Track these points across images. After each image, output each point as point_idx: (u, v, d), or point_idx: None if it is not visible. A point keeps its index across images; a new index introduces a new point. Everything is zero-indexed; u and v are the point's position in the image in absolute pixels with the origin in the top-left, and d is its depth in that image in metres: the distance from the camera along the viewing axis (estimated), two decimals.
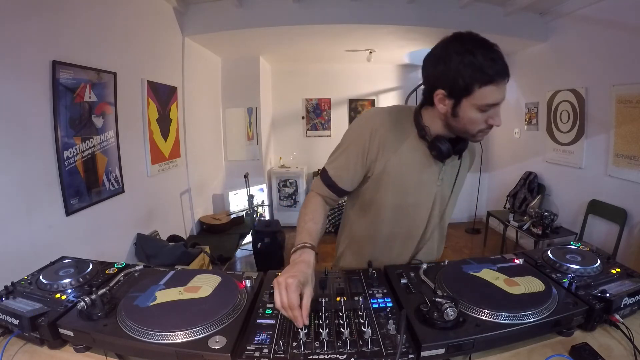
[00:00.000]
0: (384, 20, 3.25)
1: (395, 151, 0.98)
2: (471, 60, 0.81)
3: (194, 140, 3.64)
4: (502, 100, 0.86)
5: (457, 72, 0.83)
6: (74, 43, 1.95)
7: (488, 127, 0.90)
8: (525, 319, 0.75)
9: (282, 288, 0.74)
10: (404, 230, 1.08)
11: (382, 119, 0.99)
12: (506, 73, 0.83)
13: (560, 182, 3.63)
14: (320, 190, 1.05)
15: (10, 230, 1.59)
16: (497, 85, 0.83)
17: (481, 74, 0.81)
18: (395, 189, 1.01)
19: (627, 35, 2.75)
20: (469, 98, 0.85)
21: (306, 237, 0.91)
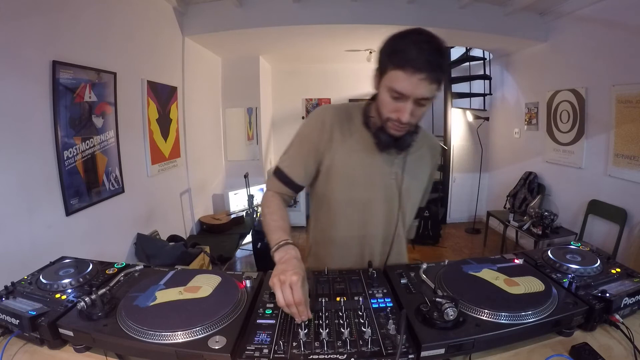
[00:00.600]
0: (384, 20, 3.25)
1: (343, 144, 0.99)
2: (393, 43, 0.84)
3: (194, 140, 3.64)
4: (413, 95, 0.83)
5: (384, 50, 0.86)
6: (74, 43, 1.95)
7: (397, 120, 0.88)
8: (525, 319, 0.75)
9: (286, 286, 0.73)
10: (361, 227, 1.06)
11: (332, 113, 1.01)
12: (422, 67, 0.79)
13: (560, 182, 3.64)
14: (277, 188, 1.05)
15: (10, 230, 1.59)
16: (407, 75, 0.80)
17: (394, 57, 0.82)
18: (344, 182, 1.01)
19: (627, 35, 2.75)
20: (384, 78, 0.86)
21: (282, 234, 0.90)
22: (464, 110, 4.91)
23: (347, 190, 1.02)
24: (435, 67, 0.80)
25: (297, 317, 0.74)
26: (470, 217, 4.95)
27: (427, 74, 0.80)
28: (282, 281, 0.74)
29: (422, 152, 1.08)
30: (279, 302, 0.74)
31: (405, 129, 0.92)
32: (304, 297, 0.74)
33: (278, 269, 0.79)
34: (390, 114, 0.88)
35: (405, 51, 0.81)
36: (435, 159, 1.15)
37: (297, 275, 0.75)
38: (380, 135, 0.94)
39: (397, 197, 1.03)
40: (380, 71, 0.89)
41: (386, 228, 1.07)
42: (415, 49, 0.80)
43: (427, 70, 0.80)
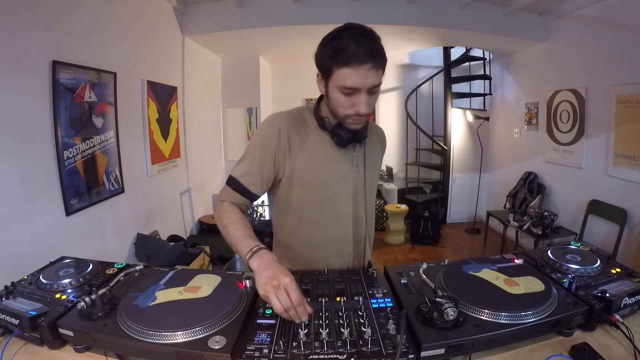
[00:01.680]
0: (384, 20, 3.25)
1: (302, 148, 1.00)
2: (334, 43, 0.86)
3: (194, 140, 3.64)
4: (365, 86, 0.86)
5: (323, 53, 0.88)
6: (74, 43, 1.95)
7: (355, 114, 0.90)
8: (525, 319, 0.75)
9: (281, 291, 0.72)
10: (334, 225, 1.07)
11: (285, 120, 1.00)
12: (366, 58, 0.83)
13: (560, 182, 3.64)
14: (232, 199, 1.02)
15: (10, 230, 1.59)
16: (354, 69, 0.84)
17: (337, 56, 0.85)
18: (309, 184, 1.02)
19: (627, 35, 2.75)
20: (331, 79, 0.89)
21: (252, 241, 0.87)
22: (464, 110, 4.91)
23: (314, 192, 1.03)
24: (376, 55, 0.85)
25: (297, 319, 0.73)
26: (470, 217, 4.95)
27: (372, 63, 0.84)
28: (275, 286, 0.72)
29: (374, 141, 1.13)
30: (277, 309, 0.72)
31: (365, 120, 0.96)
32: (302, 297, 0.73)
33: (264, 276, 0.76)
34: (348, 110, 0.91)
35: (345, 49, 0.84)
36: (383, 145, 1.20)
37: (289, 276, 0.74)
38: (339, 132, 0.97)
39: (362, 189, 1.07)
40: (325, 74, 0.91)
41: (356, 220, 1.09)
42: (353, 43, 0.83)
43: (371, 60, 0.84)
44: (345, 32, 0.86)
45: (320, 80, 0.94)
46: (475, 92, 4.77)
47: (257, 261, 0.81)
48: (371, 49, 0.84)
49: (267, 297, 0.73)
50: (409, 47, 4.32)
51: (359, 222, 1.10)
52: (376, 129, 1.19)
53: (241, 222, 0.95)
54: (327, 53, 0.87)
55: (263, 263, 0.79)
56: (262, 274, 0.77)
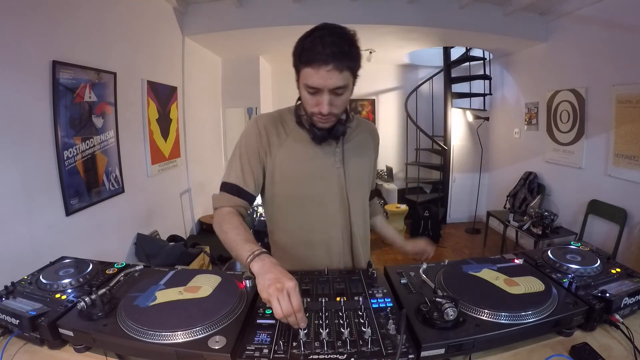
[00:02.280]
0: (384, 20, 3.25)
1: (281, 146, 1.03)
2: (301, 43, 0.88)
3: (194, 140, 3.64)
4: (326, 86, 0.87)
5: (295, 51, 0.91)
6: (74, 43, 1.95)
7: (319, 113, 0.93)
8: (525, 319, 0.75)
9: (284, 295, 0.70)
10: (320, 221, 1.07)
11: (265, 120, 1.05)
12: (328, 60, 0.84)
13: (560, 182, 3.64)
14: (229, 202, 1.01)
15: (11, 230, 1.59)
16: (315, 69, 0.85)
17: (303, 55, 0.87)
18: (290, 181, 1.04)
19: (627, 35, 2.75)
20: (299, 77, 0.92)
21: (253, 245, 0.85)
22: (464, 110, 4.91)
23: (296, 189, 1.05)
24: (340, 56, 0.85)
25: (295, 325, 0.71)
26: (470, 217, 4.95)
27: (334, 65, 0.84)
28: (279, 289, 0.70)
29: (363, 137, 1.14)
30: (277, 313, 0.70)
31: (331, 120, 0.97)
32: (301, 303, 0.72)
33: (267, 278, 0.74)
34: (312, 108, 0.93)
35: (311, 49, 0.85)
36: (375, 141, 1.21)
37: (293, 280, 0.73)
38: (314, 129, 0.99)
39: (344, 181, 1.07)
40: (296, 72, 0.93)
41: (343, 216, 1.09)
42: (320, 44, 0.84)
43: (333, 61, 0.84)
44: (317, 32, 0.87)
45: (296, 78, 0.96)
46: (475, 92, 4.77)
47: (258, 264, 0.79)
48: (335, 50, 0.84)
49: (269, 301, 0.71)
50: (409, 47, 4.33)
51: (346, 221, 1.09)
52: (369, 126, 1.21)
53: (242, 227, 0.94)
54: (297, 51, 0.90)
55: (265, 266, 0.78)
56: (264, 276, 0.75)
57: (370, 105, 5.44)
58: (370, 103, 5.44)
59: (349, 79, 0.90)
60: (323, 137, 1.00)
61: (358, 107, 5.42)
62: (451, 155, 4.97)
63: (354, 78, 0.93)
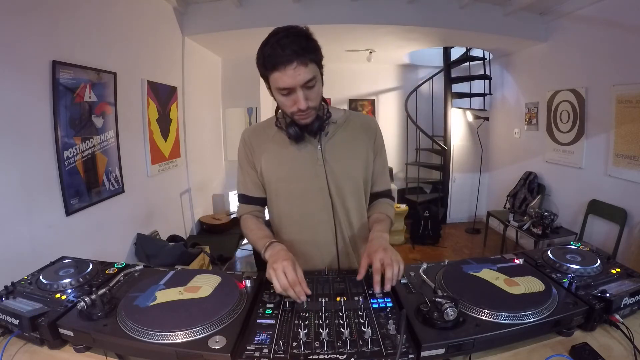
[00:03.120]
0: (384, 20, 3.25)
1: (263, 150, 1.10)
2: (262, 52, 0.92)
3: (194, 140, 3.64)
4: (297, 83, 0.90)
5: (258, 62, 0.95)
6: (74, 43, 1.95)
7: (297, 110, 0.95)
8: (525, 319, 0.75)
9: (280, 272, 0.82)
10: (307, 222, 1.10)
11: (248, 131, 1.16)
12: (291, 59, 0.87)
13: (560, 182, 3.64)
14: (246, 210, 1.16)
15: (10, 230, 1.59)
16: (283, 72, 0.88)
17: (267, 63, 0.90)
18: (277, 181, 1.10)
19: (627, 35, 2.75)
20: (270, 83, 0.96)
21: (268, 239, 0.99)
22: (464, 110, 4.91)
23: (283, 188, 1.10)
24: (301, 52, 0.88)
25: (297, 299, 0.82)
26: (470, 217, 4.95)
27: (297, 62, 0.88)
28: (275, 269, 0.83)
29: (351, 132, 1.13)
30: (276, 289, 0.82)
31: (311, 114, 0.99)
32: (299, 278, 0.84)
33: (270, 261, 0.88)
34: (291, 108, 0.96)
35: (271, 54, 0.89)
36: (370, 132, 1.16)
37: (287, 260, 0.85)
38: (289, 129, 1.03)
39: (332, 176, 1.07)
40: (265, 80, 0.97)
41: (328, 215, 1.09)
42: (279, 47, 0.87)
43: (296, 58, 0.87)
44: (272, 38, 0.90)
45: (267, 87, 1.00)
46: (475, 92, 4.77)
47: (269, 252, 0.94)
48: (295, 48, 0.87)
49: (270, 279, 0.83)
50: (409, 47, 4.32)
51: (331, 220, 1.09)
52: (362, 119, 1.18)
53: (259, 228, 1.09)
54: (260, 61, 0.93)
55: (273, 252, 0.92)
56: (269, 260, 0.89)
57: (370, 105, 5.44)
58: (370, 103, 5.44)
59: (316, 70, 0.93)
60: (298, 135, 1.03)
61: (358, 107, 5.42)
62: (451, 155, 4.97)
63: (320, 69, 0.97)
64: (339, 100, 5.40)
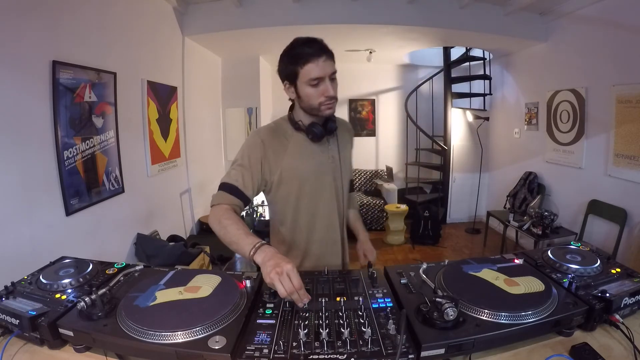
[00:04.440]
0: (383, 20, 3.25)
1: (286, 152, 1.14)
2: (292, 51, 1.07)
3: (194, 140, 3.64)
4: (326, 74, 1.06)
5: (286, 63, 1.08)
6: (74, 43, 1.95)
7: (327, 98, 1.08)
8: (525, 319, 0.75)
9: (285, 277, 0.80)
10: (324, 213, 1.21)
11: (265, 132, 1.17)
12: (320, 53, 1.04)
13: (560, 182, 3.63)
14: (227, 200, 1.08)
15: (10, 230, 1.59)
16: (315, 63, 1.04)
17: (299, 59, 1.05)
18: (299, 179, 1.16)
19: (627, 35, 2.75)
20: (299, 79, 1.07)
21: (254, 238, 0.94)
22: (464, 110, 4.91)
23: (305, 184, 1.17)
24: (325, 49, 1.07)
25: (299, 302, 0.81)
26: (470, 217, 4.95)
27: (325, 55, 1.05)
28: (279, 273, 0.80)
29: (343, 134, 1.29)
30: (281, 293, 0.79)
31: (335, 105, 1.12)
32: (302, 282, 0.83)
33: (269, 265, 0.83)
34: (320, 98, 1.08)
35: (303, 53, 1.04)
36: (352, 137, 1.37)
37: (290, 263, 0.83)
38: (313, 129, 1.13)
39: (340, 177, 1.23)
40: (291, 79, 1.09)
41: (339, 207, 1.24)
42: (307, 46, 1.05)
43: (324, 53, 1.05)
44: (296, 42, 1.07)
45: (289, 87, 1.11)
46: (475, 92, 4.77)
47: (261, 255, 0.88)
48: (320, 46, 1.06)
49: (273, 284, 0.81)
50: (409, 47, 4.32)
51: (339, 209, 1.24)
52: (346, 125, 1.36)
53: (240, 222, 1.00)
54: (289, 61, 1.07)
55: (267, 255, 0.87)
56: (267, 264, 0.84)
57: (370, 105, 5.44)
58: (370, 103, 5.44)
59: (334, 66, 1.10)
60: (321, 134, 1.14)
61: (358, 107, 5.42)
62: (451, 155, 4.97)
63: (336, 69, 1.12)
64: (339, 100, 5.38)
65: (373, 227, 4.75)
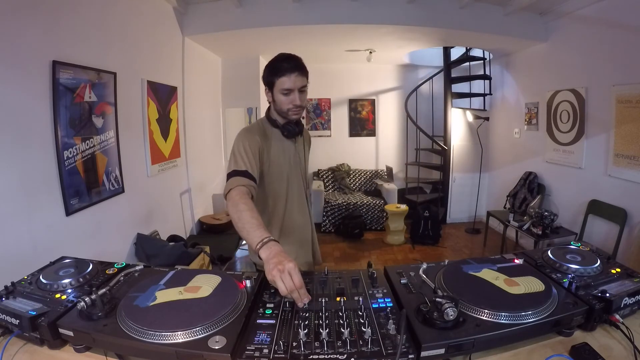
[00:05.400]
0: (384, 20, 3.25)
1: (270, 145, 1.34)
2: (273, 64, 1.27)
3: (194, 140, 3.64)
4: (296, 87, 1.25)
5: (267, 73, 1.29)
6: (74, 43, 1.95)
7: (294, 106, 1.28)
8: (525, 319, 0.75)
9: (286, 275, 0.81)
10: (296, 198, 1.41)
11: (256, 129, 1.35)
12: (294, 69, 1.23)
13: (560, 182, 3.63)
14: (242, 182, 1.14)
15: (10, 230, 1.59)
16: (288, 77, 1.23)
17: (277, 70, 1.25)
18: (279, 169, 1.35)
19: (627, 35, 2.74)
20: (275, 87, 1.27)
21: (264, 232, 0.96)
22: (464, 110, 4.91)
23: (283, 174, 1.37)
24: (300, 67, 1.26)
25: (299, 301, 0.82)
26: (470, 217, 4.95)
27: (298, 72, 1.25)
28: (281, 270, 0.82)
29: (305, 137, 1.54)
30: (282, 291, 0.80)
31: (301, 111, 1.32)
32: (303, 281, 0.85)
33: (272, 262, 0.85)
34: (288, 105, 1.28)
35: (280, 67, 1.24)
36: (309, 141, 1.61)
37: (293, 262, 0.84)
38: (288, 127, 1.35)
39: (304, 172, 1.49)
40: (270, 86, 1.29)
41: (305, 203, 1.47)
42: (285, 62, 1.25)
43: (298, 69, 1.25)
44: (278, 57, 1.27)
45: (268, 92, 1.32)
46: (475, 92, 4.77)
47: (266, 251, 0.90)
48: (296, 64, 1.25)
49: (274, 281, 0.82)
50: (409, 47, 4.32)
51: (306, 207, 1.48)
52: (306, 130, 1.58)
53: (255, 211, 1.04)
54: (269, 72, 1.28)
55: (272, 252, 0.89)
56: (270, 261, 0.86)
57: (370, 105, 5.45)
58: (370, 103, 5.44)
59: (306, 80, 1.29)
60: (294, 132, 1.36)
61: (358, 107, 5.42)
62: (451, 155, 4.97)
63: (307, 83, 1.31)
64: (339, 100, 5.41)
65: (373, 227, 4.75)
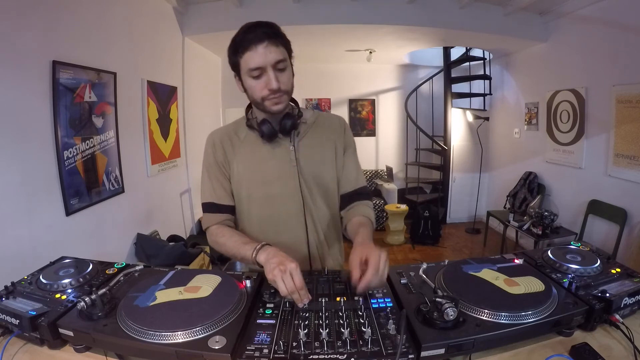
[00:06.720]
0: (384, 20, 3.25)
1: (236, 153, 1.06)
2: (235, 39, 0.94)
3: (194, 140, 3.64)
4: (268, 62, 0.91)
5: (229, 53, 0.97)
6: (74, 43, 1.95)
7: (271, 92, 0.94)
8: (525, 319, 0.75)
9: (287, 275, 0.79)
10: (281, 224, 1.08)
11: (217, 133, 1.10)
12: (262, 38, 0.89)
13: (560, 182, 3.64)
14: (216, 220, 1.06)
15: (10, 230, 1.59)
16: (254, 50, 0.90)
17: (238, 47, 0.93)
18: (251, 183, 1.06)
19: (627, 35, 2.75)
20: (241, 70, 0.95)
21: (254, 243, 0.92)
22: (464, 110, 4.91)
23: (257, 190, 1.06)
24: (270, 34, 0.91)
25: (299, 302, 0.80)
26: (470, 217, 4.95)
27: (268, 41, 0.90)
28: (282, 270, 0.79)
29: (321, 132, 1.11)
30: (282, 291, 0.78)
31: (284, 99, 0.98)
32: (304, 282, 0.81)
33: (272, 262, 0.83)
34: (262, 91, 0.95)
35: (242, 39, 0.91)
36: (338, 130, 1.14)
37: (294, 262, 0.82)
38: (263, 127, 1.00)
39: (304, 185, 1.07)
40: (236, 71, 0.98)
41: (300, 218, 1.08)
42: (249, 32, 0.91)
43: (267, 39, 0.90)
44: (242, 28, 0.93)
45: (237, 80, 1.00)
46: (475, 92, 4.77)
47: (264, 254, 0.87)
48: (266, 31, 0.90)
49: (275, 281, 0.80)
50: (409, 47, 4.32)
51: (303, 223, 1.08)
52: (327, 118, 1.15)
53: (235, 235, 1.01)
54: (231, 51, 0.95)
55: (270, 253, 0.86)
56: (270, 261, 0.83)
57: (370, 105, 5.44)
58: (370, 103, 5.44)
59: (286, 55, 0.95)
60: (272, 133, 1.01)
61: (358, 107, 5.42)
62: (451, 155, 4.97)
63: (290, 58, 0.97)
64: (339, 100, 5.40)
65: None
